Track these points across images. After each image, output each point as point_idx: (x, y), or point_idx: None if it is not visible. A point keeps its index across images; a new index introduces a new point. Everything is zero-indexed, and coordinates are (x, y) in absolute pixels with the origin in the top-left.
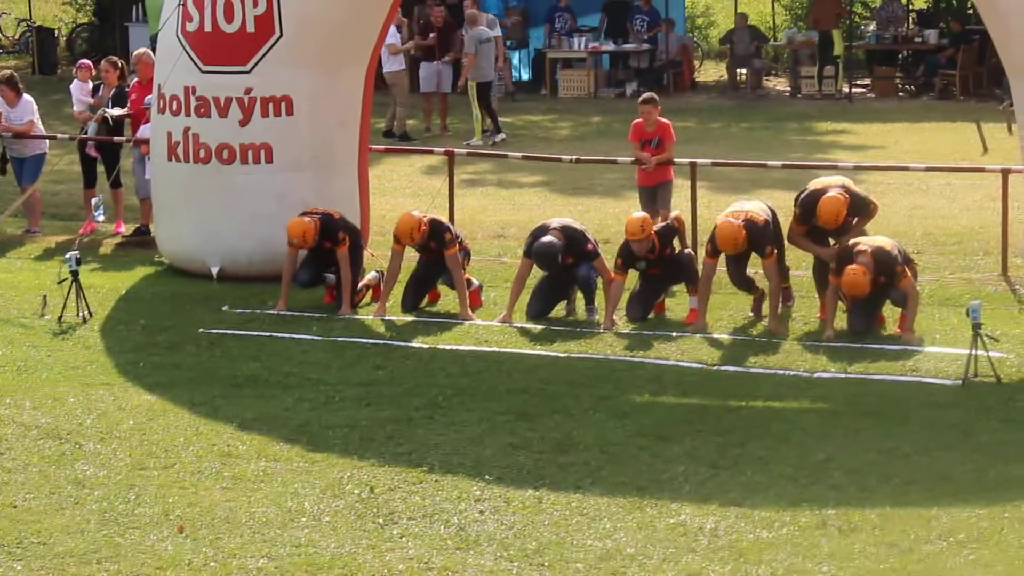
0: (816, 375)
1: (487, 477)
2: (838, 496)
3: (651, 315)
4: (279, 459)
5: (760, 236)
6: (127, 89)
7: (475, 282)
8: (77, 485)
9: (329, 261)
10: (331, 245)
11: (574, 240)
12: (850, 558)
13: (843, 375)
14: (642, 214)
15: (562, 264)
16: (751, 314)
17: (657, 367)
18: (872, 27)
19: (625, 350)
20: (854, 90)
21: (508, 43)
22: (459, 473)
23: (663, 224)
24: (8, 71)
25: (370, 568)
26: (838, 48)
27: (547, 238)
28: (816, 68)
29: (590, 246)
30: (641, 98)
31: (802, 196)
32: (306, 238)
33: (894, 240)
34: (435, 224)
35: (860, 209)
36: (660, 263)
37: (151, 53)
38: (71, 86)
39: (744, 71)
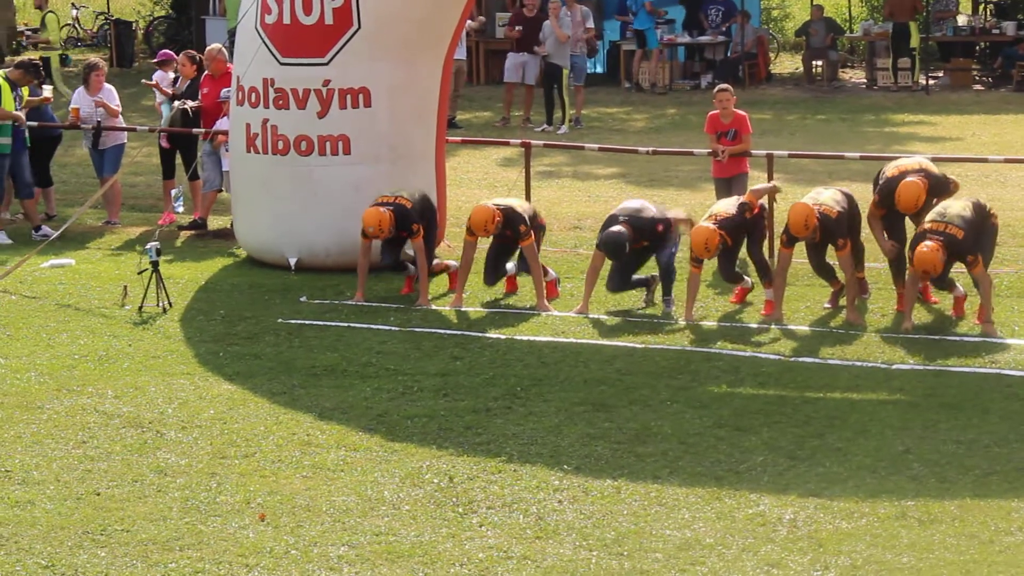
0: (895, 367)
1: (565, 467)
2: (917, 487)
3: (732, 304)
4: (358, 448)
5: (834, 229)
6: (200, 83)
7: (552, 274)
8: (159, 473)
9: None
10: (407, 236)
11: (640, 230)
12: (930, 549)
13: (921, 367)
14: (707, 228)
15: (634, 249)
16: (827, 305)
17: (734, 358)
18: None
19: (702, 341)
20: (930, 82)
21: None
22: (537, 463)
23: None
24: (95, 59)
25: (449, 556)
26: (915, 40)
27: (614, 228)
28: (891, 60)
29: (660, 227)
30: (718, 86)
31: (880, 183)
32: (382, 227)
33: (970, 211)
34: (509, 214)
35: (939, 189)
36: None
37: (224, 49)
38: (154, 75)
39: (820, 63)
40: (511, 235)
